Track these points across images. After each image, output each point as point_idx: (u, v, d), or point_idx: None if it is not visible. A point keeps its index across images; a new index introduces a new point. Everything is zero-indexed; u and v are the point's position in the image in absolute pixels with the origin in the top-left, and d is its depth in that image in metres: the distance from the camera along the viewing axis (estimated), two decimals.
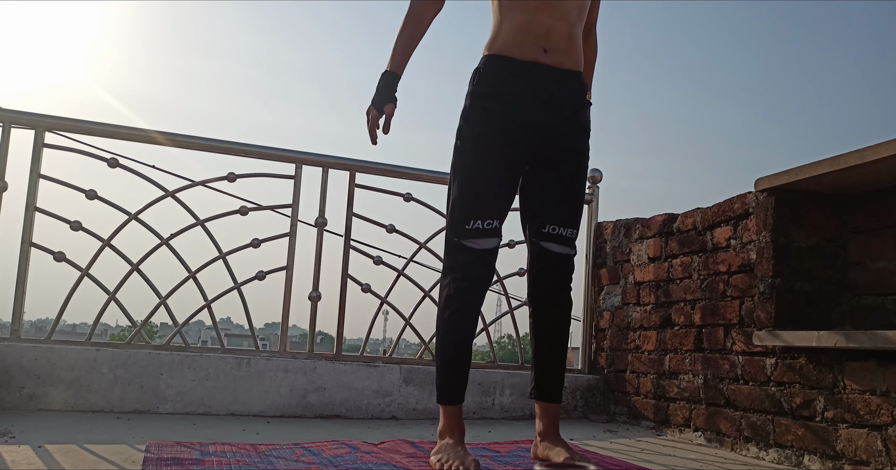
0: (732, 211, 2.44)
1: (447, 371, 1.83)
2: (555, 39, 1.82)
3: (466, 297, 1.81)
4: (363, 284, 2.93)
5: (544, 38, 1.82)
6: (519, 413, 3.03)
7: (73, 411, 2.44)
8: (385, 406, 2.81)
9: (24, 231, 2.56)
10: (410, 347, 35.75)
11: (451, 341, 1.83)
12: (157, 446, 1.78)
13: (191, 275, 2.73)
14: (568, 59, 1.85)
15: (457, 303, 1.81)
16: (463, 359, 1.83)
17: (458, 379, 1.82)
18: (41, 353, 2.46)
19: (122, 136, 2.72)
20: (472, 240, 1.79)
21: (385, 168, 3.02)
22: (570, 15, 1.85)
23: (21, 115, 2.61)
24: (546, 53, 1.82)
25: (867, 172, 1.98)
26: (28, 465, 1.53)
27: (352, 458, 1.77)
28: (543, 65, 1.82)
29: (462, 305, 1.81)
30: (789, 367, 2.14)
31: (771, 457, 2.17)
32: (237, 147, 2.86)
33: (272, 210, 2.87)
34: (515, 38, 1.82)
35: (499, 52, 1.84)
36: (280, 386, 2.69)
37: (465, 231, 1.79)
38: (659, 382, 2.76)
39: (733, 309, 2.40)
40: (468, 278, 1.81)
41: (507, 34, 1.84)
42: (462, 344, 1.83)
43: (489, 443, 2.20)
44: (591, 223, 3.31)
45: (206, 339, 46.44)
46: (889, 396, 1.82)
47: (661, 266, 2.83)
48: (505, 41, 1.84)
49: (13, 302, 2.53)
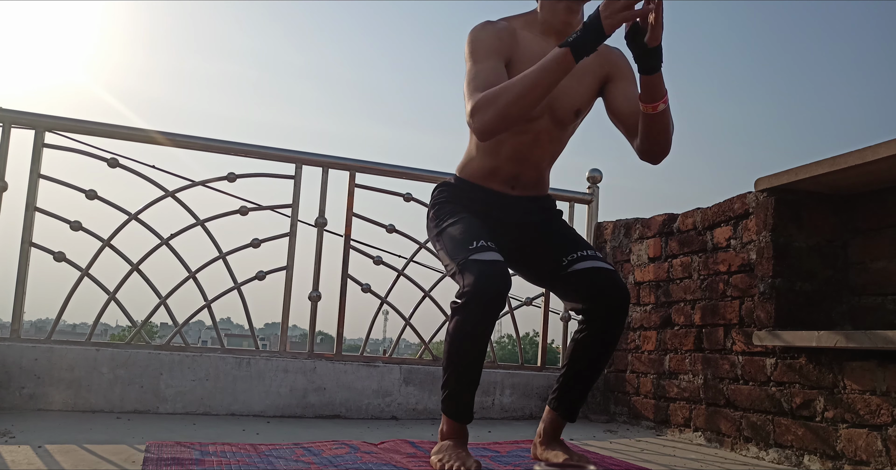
0: (732, 211, 2.44)
1: (468, 388, 1.71)
2: (522, 182, 1.89)
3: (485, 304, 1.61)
4: (363, 284, 2.93)
5: (512, 180, 1.88)
6: (519, 413, 3.03)
7: (73, 411, 2.44)
8: (385, 406, 2.81)
9: (24, 231, 2.56)
10: (410, 347, 35.75)
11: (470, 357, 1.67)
12: (157, 446, 1.78)
13: (191, 275, 2.73)
14: (536, 192, 1.93)
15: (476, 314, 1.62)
16: (478, 376, 1.71)
17: (472, 396, 1.73)
18: (41, 353, 2.46)
19: (122, 136, 2.71)
20: (478, 254, 1.65)
21: (385, 168, 3.03)
22: (541, 164, 1.90)
23: (21, 115, 2.61)
24: (514, 189, 1.88)
25: (867, 172, 1.98)
26: (28, 465, 1.53)
27: (352, 458, 1.77)
28: (512, 195, 1.88)
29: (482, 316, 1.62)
30: (789, 367, 2.14)
31: (771, 457, 2.17)
32: (237, 147, 2.86)
33: (272, 210, 2.87)
34: (484, 175, 1.88)
35: (469, 179, 1.90)
36: (280, 386, 2.69)
37: (468, 251, 1.67)
38: (659, 382, 2.76)
39: (733, 309, 2.40)
40: (483, 287, 1.59)
41: (477, 168, 1.88)
42: (480, 359, 1.69)
43: (489, 443, 2.20)
44: (591, 223, 3.31)
45: (206, 339, 46.45)
46: (889, 396, 1.82)
47: (661, 266, 2.83)
48: (474, 174, 1.89)
49: (13, 302, 2.53)
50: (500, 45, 1.74)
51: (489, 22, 1.80)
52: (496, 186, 1.87)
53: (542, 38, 1.81)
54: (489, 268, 1.61)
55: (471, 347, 1.66)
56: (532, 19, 1.84)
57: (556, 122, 1.83)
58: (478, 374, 1.70)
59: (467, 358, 1.67)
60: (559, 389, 1.87)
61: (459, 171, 1.93)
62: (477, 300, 1.60)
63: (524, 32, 1.81)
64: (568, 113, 1.82)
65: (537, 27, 1.82)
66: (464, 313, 1.62)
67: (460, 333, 1.64)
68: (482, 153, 1.85)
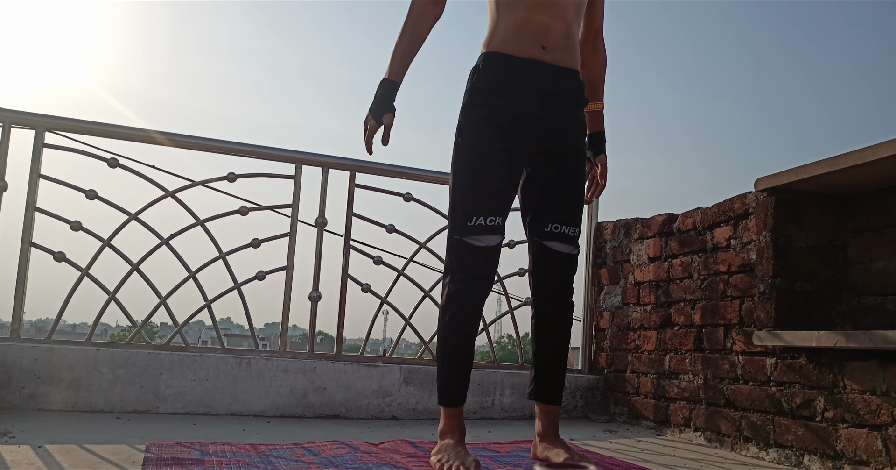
0: (732, 211, 2.44)
1: (448, 372, 1.82)
2: (553, 37, 1.83)
3: (468, 297, 1.79)
4: (363, 284, 2.93)
5: (542, 35, 1.82)
6: (519, 413, 3.03)
7: (73, 411, 2.44)
8: (385, 406, 2.81)
9: (24, 231, 2.56)
10: (410, 347, 35.75)
11: (453, 342, 1.81)
12: (157, 446, 1.78)
13: (191, 275, 2.73)
14: (566, 56, 1.86)
15: (458, 304, 1.79)
16: (464, 360, 1.81)
17: (460, 381, 1.81)
18: (41, 353, 2.46)
19: (122, 136, 2.71)
20: (474, 237, 1.77)
21: (385, 168, 3.02)
22: (568, 13, 1.85)
23: (21, 115, 2.61)
24: (544, 51, 1.83)
25: (867, 172, 1.97)
26: (28, 465, 1.53)
27: (352, 458, 1.77)
28: (542, 62, 1.82)
29: (463, 306, 1.80)
30: (789, 367, 2.14)
31: (771, 457, 2.17)
32: (237, 147, 2.86)
33: (272, 210, 2.87)
34: (513, 35, 1.83)
35: (497, 50, 1.84)
36: (280, 386, 2.69)
37: (467, 228, 1.78)
38: (659, 382, 2.76)
39: (733, 309, 2.40)
40: (470, 277, 1.79)
41: (504, 32, 1.84)
42: (463, 345, 1.81)
43: (489, 443, 2.20)
44: (591, 223, 3.31)
45: (206, 339, 46.43)
46: (889, 396, 1.82)
47: (661, 266, 2.83)
48: (503, 38, 1.84)
49: (13, 302, 2.53)
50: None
51: None
52: (527, 49, 1.82)
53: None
54: (477, 259, 1.77)
55: (456, 339, 1.80)
56: None
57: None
58: (465, 360, 1.81)
59: (453, 348, 1.80)
60: (534, 378, 1.93)
61: (486, 45, 1.87)
62: (463, 293, 1.78)
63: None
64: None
65: None
66: (448, 309, 1.79)
67: (446, 328, 1.80)
68: (508, 12, 1.83)
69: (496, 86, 1.82)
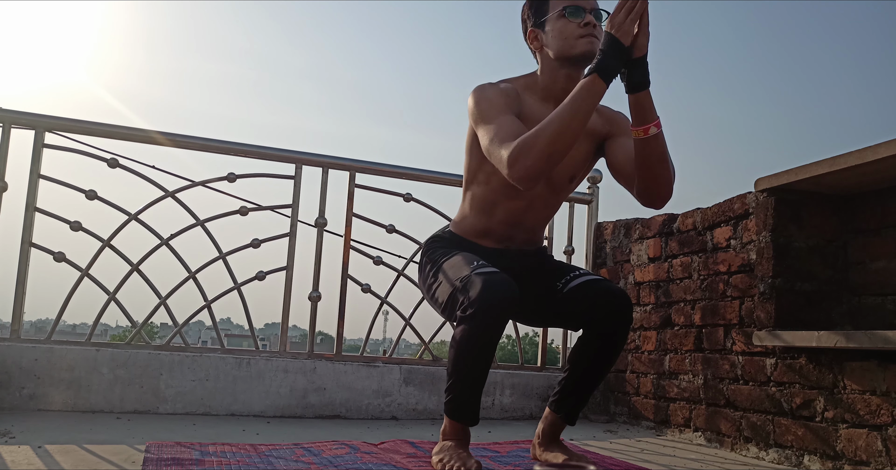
0: (732, 211, 2.44)
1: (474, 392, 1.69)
2: (516, 242, 1.89)
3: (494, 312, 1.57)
4: (363, 284, 2.93)
5: (506, 241, 1.88)
6: (519, 413, 3.03)
7: (73, 411, 2.44)
8: (385, 406, 2.81)
9: (24, 231, 2.56)
10: (410, 347, 35.74)
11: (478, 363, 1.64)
12: (157, 446, 1.78)
13: (191, 275, 2.73)
14: (531, 247, 1.93)
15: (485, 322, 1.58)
16: (484, 380, 1.70)
17: (479, 400, 1.71)
18: (41, 353, 2.46)
19: (122, 137, 2.71)
20: (481, 269, 1.63)
21: (385, 168, 3.03)
22: (535, 227, 1.91)
23: (21, 116, 2.61)
24: (508, 248, 1.88)
25: (867, 172, 1.97)
26: (28, 465, 1.53)
27: (352, 458, 1.77)
28: (507, 250, 1.87)
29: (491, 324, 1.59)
30: (789, 367, 2.14)
31: (771, 457, 2.17)
32: (237, 147, 2.86)
33: (272, 210, 2.86)
34: (478, 235, 1.87)
35: (463, 235, 1.89)
36: (280, 386, 2.69)
37: (470, 268, 1.65)
38: (659, 382, 2.76)
39: (733, 309, 2.40)
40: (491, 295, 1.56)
41: (470, 227, 1.88)
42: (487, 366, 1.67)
43: (489, 443, 2.20)
44: (591, 223, 3.31)
45: (206, 339, 46.44)
46: (889, 396, 1.82)
47: (661, 266, 2.83)
48: (468, 231, 1.88)
49: (13, 302, 2.53)
50: (509, 102, 1.73)
51: (491, 83, 1.78)
52: (489, 245, 1.87)
53: (542, 103, 1.78)
54: (495, 277, 1.60)
55: (479, 355, 1.62)
56: (532, 82, 1.82)
57: (550, 188, 1.83)
58: (484, 378, 1.68)
59: (475, 365, 1.64)
60: (560, 392, 1.86)
61: (454, 226, 1.92)
62: (485, 308, 1.56)
63: (525, 96, 1.79)
64: (563, 179, 1.83)
65: (538, 92, 1.80)
66: (472, 322, 1.58)
67: (468, 342, 1.60)
68: (476, 214, 1.85)
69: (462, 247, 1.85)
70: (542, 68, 1.80)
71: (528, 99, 1.78)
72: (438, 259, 1.81)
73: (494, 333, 1.61)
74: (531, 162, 1.54)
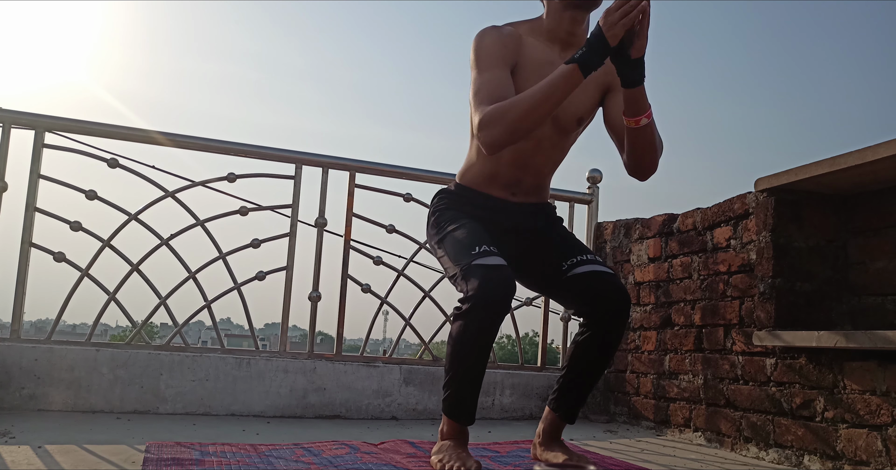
0: (732, 211, 2.44)
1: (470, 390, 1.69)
2: (523, 188, 1.89)
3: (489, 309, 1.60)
4: (363, 284, 2.93)
5: (513, 186, 1.88)
6: (519, 413, 3.03)
7: (73, 412, 2.44)
8: (385, 406, 2.81)
9: (24, 231, 2.56)
10: (410, 347, 35.75)
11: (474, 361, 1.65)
12: (157, 447, 1.78)
13: (191, 275, 2.73)
14: (537, 198, 1.93)
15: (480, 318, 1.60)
16: (481, 378, 1.70)
17: (475, 399, 1.71)
18: (41, 353, 2.46)
19: (122, 137, 2.71)
20: (482, 258, 1.63)
21: (385, 168, 3.03)
22: (543, 170, 1.90)
23: (21, 116, 2.61)
24: (514, 195, 1.88)
25: (867, 172, 1.98)
26: (28, 465, 1.53)
27: (352, 458, 1.77)
28: (511, 202, 1.88)
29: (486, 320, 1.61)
30: (789, 367, 2.14)
31: (771, 457, 2.17)
32: (237, 147, 2.86)
33: (272, 210, 2.86)
34: (485, 181, 1.88)
35: (469, 186, 1.90)
36: (280, 386, 2.69)
37: (472, 255, 1.65)
38: (659, 382, 2.76)
39: (733, 309, 2.40)
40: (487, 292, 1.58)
41: (477, 175, 1.88)
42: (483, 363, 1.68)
43: (489, 443, 2.20)
44: (591, 223, 3.31)
45: (206, 339, 46.43)
46: (889, 396, 1.82)
47: (661, 266, 2.83)
48: (475, 180, 1.89)
49: (13, 302, 2.53)
50: (506, 52, 1.75)
51: (495, 27, 1.80)
52: (496, 192, 1.87)
53: (547, 45, 1.81)
54: (493, 273, 1.61)
55: (475, 352, 1.65)
56: (538, 26, 1.84)
57: (558, 130, 1.83)
58: (481, 377, 1.69)
59: (471, 362, 1.66)
60: (559, 390, 1.87)
61: (460, 177, 1.93)
62: (481, 305, 1.59)
63: (529, 38, 1.81)
64: (570, 120, 1.83)
65: (543, 34, 1.82)
66: (468, 318, 1.61)
67: (464, 338, 1.63)
68: (483, 158, 1.85)
69: (469, 204, 1.87)
70: (548, 11, 1.83)
71: (532, 41, 1.81)
72: (445, 226, 1.82)
73: (490, 331, 1.64)
74: (497, 133, 1.62)
